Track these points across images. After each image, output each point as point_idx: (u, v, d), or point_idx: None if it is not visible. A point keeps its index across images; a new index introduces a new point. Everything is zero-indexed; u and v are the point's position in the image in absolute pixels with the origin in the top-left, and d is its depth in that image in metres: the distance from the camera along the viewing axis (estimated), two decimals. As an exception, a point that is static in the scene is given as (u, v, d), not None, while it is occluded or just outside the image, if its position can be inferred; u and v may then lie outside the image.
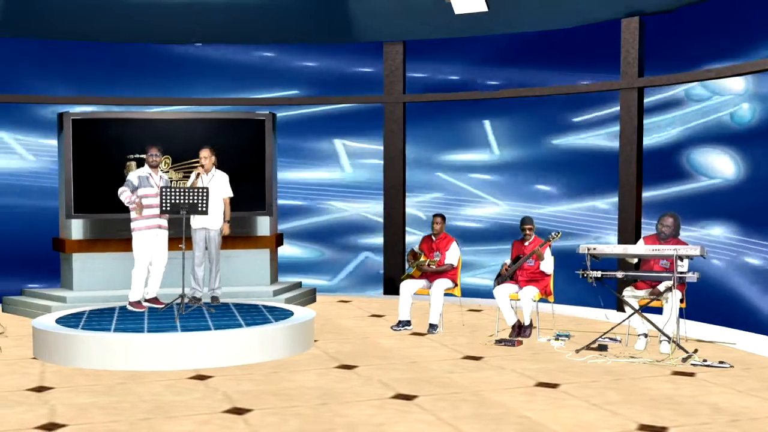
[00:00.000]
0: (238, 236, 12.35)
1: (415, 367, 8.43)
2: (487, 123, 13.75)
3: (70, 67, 13.40)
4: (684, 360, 8.36)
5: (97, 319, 9.40)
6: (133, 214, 9.64)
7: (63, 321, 9.32)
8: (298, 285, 13.29)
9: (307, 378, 7.98)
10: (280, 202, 13.23)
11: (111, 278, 11.54)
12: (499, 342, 9.39)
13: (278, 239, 12.96)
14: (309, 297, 13.03)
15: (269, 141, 12.46)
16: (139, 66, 13.65)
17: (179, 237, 9.50)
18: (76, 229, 12.14)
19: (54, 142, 12.51)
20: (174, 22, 12.84)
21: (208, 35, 13.40)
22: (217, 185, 9.97)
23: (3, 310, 12.36)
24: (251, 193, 12.25)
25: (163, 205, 9.23)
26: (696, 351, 8.71)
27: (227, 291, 11.64)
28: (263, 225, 12.66)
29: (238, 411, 6.79)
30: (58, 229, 12.45)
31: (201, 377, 8.02)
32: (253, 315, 9.70)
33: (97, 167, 11.70)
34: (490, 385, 7.64)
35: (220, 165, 10.25)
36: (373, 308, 12.40)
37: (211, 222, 9.97)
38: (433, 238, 10.28)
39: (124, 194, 9.53)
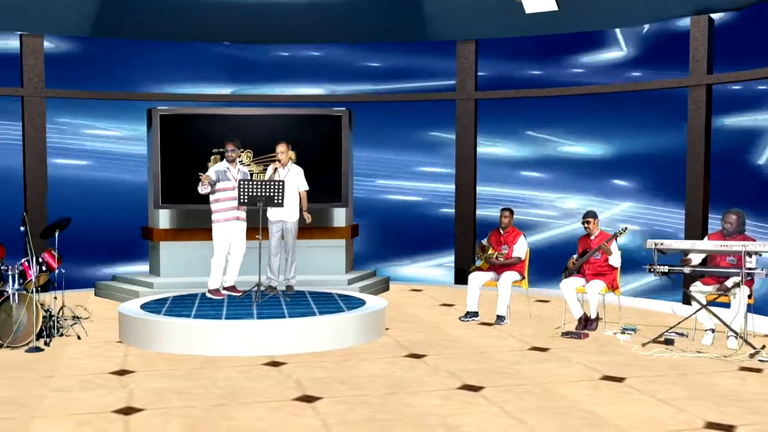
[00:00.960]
0: (315, 227, 12.18)
1: (482, 358, 8.12)
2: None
3: (159, 64, 13.37)
4: (751, 356, 7.89)
5: (180, 306, 9.32)
6: (212, 206, 9.52)
7: (147, 307, 9.25)
8: (373, 274, 13.07)
9: (377, 366, 7.75)
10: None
11: (196, 265, 11.37)
12: (565, 334, 9.00)
13: (354, 230, 12.75)
14: (382, 286, 12.79)
15: (345, 136, 12.26)
16: (224, 64, 13.57)
17: (257, 227, 9.33)
18: (164, 218, 12.15)
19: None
20: (255, 22, 12.73)
21: (286, 35, 13.24)
22: (293, 179, 9.77)
23: (95, 294, 12.41)
24: (328, 186, 12.08)
25: (241, 197, 9.07)
26: (764, 347, 8.21)
27: (305, 279, 11.48)
28: (339, 216, 12.48)
29: (308, 399, 6.59)
30: (147, 218, 12.46)
31: (275, 363, 7.85)
32: (327, 303, 9.50)
33: (183, 160, 11.62)
34: (556, 377, 7.31)
35: (299, 158, 10.09)
36: (444, 297, 12.10)
37: (287, 214, 9.76)
38: (501, 231, 9.91)
39: (199, 187, 9.43)
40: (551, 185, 13.25)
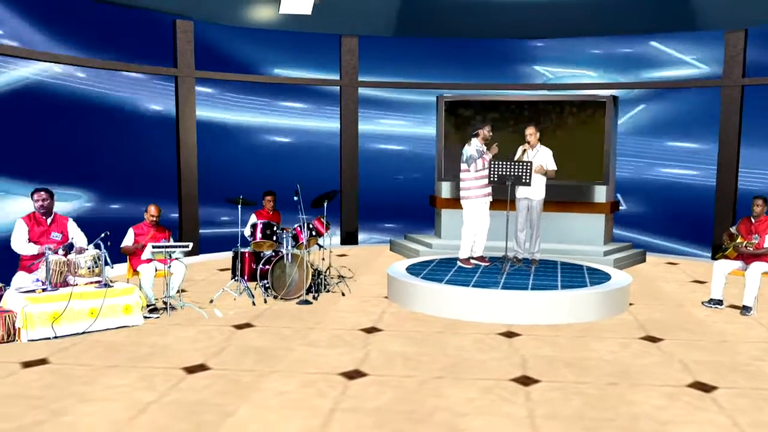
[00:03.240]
0: (577, 202, 10.56)
1: (722, 348, 6.09)
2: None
3: (447, 57, 12.22)
4: None
5: (439, 270, 8.17)
6: (466, 184, 8.14)
7: (412, 268, 8.23)
8: (630, 246, 11.07)
9: (608, 348, 6.06)
10: None
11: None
12: (820, 331, 6.64)
13: (613, 206, 10.84)
14: (638, 258, 10.78)
15: (609, 120, 10.34)
16: (501, 57, 12.11)
17: (505, 200, 7.90)
18: (445, 189, 11.09)
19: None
20: (527, 19, 11.16)
21: (561, 30, 11.48)
22: (541, 159, 8.16)
23: (390, 249, 11.71)
24: (590, 165, 10.33)
25: (491, 176, 7.67)
26: None
27: (563, 248, 10.05)
28: (600, 193, 10.59)
29: (525, 381, 5.15)
30: (434, 188, 11.48)
31: (509, 334, 6.46)
32: (573, 276, 7.88)
33: (461, 139, 10.38)
34: (804, 384, 5.22)
35: (563, 140, 8.46)
36: (697, 273, 9.86)
37: (534, 193, 8.19)
38: (753, 220, 7.49)
39: (472, 166, 8.03)
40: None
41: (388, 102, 12.31)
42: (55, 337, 6.07)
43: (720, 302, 7.60)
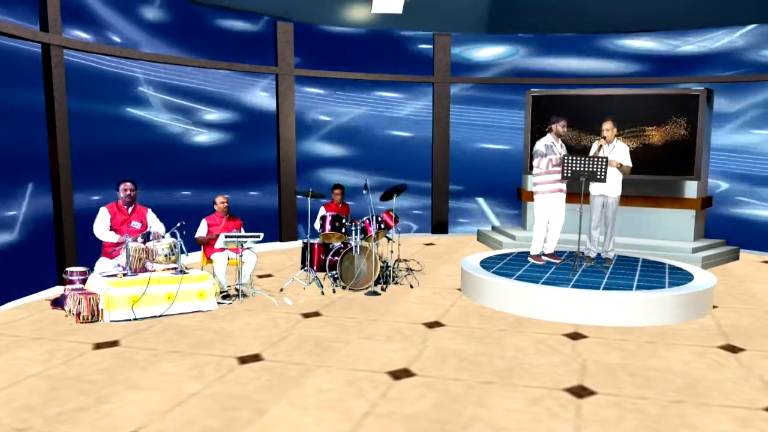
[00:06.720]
0: (665, 197, 9.39)
1: (812, 364, 5.02)
2: None
3: (536, 53, 11.22)
4: None
5: (512, 265, 7.35)
6: (536, 179, 7.24)
7: (486, 262, 7.46)
8: (723, 243, 9.73)
9: (680, 357, 5.10)
10: None
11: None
12: None
13: (704, 202, 9.56)
14: (731, 256, 9.43)
15: (702, 114, 9.06)
16: (591, 51, 10.99)
17: (578, 193, 6.95)
18: (530, 183, 10.15)
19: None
20: (618, 13, 10.02)
21: (655, 24, 10.24)
22: (617, 155, 7.07)
23: (477, 239, 10.94)
24: (681, 160, 9.12)
25: (565, 171, 6.74)
26: None
27: (649, 244, 8.97)
28: (690, 188, 9.36)
29: (580, 392, 4.34)
30: (521, 181, 10.59)
31: (575, 336, 5.61)
32: (652, 275, 6.87)
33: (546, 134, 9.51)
34: None
35: (654, 134, 7.45)
36: (795, 273, 8.51)
37: (609, 189, 7.13)
38: None
39: (542, 162, 7.09)
40: None
41: (479, 100, 11.50)
42: (135, 319, 5.85)
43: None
